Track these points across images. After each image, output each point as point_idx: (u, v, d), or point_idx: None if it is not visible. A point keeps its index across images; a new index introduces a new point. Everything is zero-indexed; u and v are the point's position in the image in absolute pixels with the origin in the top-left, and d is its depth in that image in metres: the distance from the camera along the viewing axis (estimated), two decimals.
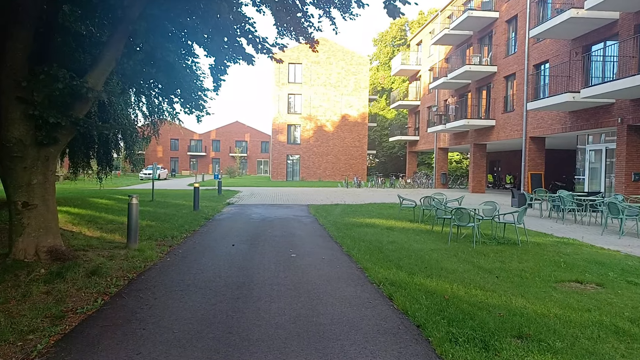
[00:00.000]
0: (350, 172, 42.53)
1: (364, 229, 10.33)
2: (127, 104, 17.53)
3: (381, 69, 60.78)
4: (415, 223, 11.54)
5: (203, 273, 6.05)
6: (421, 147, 34.96)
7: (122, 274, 5.97)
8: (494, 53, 24.00)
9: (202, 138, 70.60)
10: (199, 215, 12.85)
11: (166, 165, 66.85)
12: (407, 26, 60.01)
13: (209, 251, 7.67)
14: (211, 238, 9.08)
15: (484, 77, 24.90)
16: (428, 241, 8.80)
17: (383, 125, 55.86)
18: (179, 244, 8.43)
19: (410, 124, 37.47)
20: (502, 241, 8.71)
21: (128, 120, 16.66)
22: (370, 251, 7.62)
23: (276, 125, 42.69)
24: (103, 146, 16.94)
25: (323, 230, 10.35)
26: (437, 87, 28.56)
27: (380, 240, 8.71)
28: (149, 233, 9.38)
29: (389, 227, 10.72)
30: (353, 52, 43.03)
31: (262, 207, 15.94)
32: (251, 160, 71.03)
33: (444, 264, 6.69)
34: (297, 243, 8.54)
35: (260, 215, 13.45)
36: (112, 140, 16.95)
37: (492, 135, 24.02)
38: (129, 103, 17.94)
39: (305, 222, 11.85)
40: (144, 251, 7.35)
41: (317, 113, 42.93)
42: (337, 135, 43.21)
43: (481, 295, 5.03)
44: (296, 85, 42.63)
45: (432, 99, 32.48)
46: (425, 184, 31.73)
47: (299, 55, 42.31)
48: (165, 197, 19.53)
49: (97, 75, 6.53)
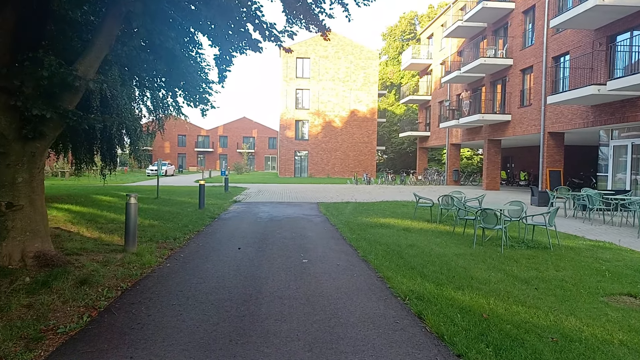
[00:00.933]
0: (359, 168, 41.80)
1: (379, 230, 9.66)
2: (131, 98, 16.96)
3: (390, 63, 59.82)
4: (433, 224, 10.84)
5: (205, 282, 5.42)
6: (432, 143, 34.14)
7: (116, 283, 5.35)
8: (509, 45, 23.11)
9: (209, 134, 70.18)
10: (204, 214, 12.26)
11: (173, 161, 66.57)
12: (416, 20, 58.96)
13: (213, 255, 7.04)
14: (216, 240, 8.46)
15: (499, 71, 24.03)
16: (450, 244, 8.11)
17: (392, 121, 55.01)
18: (182, 246, 7.81)
19: (421, 119, 36.63)
20: (531, 245, 7.99)
21: (131, 114, 16.08)
22: (389, 256, 6.94)
23: (284, 121, 42.02)
24: (106, 142, 16.41)
25: (335, 232, 9.69)
26: (449, 81, 27.71)
27: (399, 244, 8.02)
28: (151, 234, 8.79)
29: (406, 228, 10.03)
30: (362, 46, 42.18)
31: (270, 205, 15.32)
32: (259, 157, 70.51)
33: (473, 272, 6.00)
34: (309, 246, 7.88)
35: (268, 214, 12.82)
36: (116, 135, 16.39)
37: (507, 131, 23.17)
38: (133, 97, 17.37)
39: (316, 222, 11.19)
40: (142, 255, 6.74)
41: (325, 108, 42.19)
42: (346, 131, 42.46)
43: (524, 313, 4.34)
44: (304, 80, 41.90)
45: (443, 93, 31.62)
46: (437, 181, 30.93)
47: (307, 50, 41.55)
48: (171, 195, 18.99)
49: (88, 63, 5.91)
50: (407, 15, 58.71)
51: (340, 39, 41.90)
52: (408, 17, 58.56)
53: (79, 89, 5.92)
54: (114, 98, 15.14)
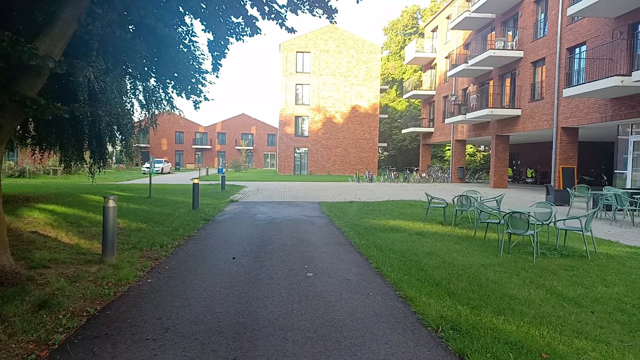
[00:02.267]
0: (361, 165, 40.83)
1: (390, 235, 8.72)
2: (122, 92, 16.00)
3: (392, 58, 58.76)
4: (448, 226, 9.89)
5: (190, 306, 4.47)
6: (436, 139, 33.17)
7: (82, 305, 4.41)
8: (520, 37, 22.13)
9: (207, 131, 69.15)
10: (198, 216, 11.31)
11: (171, 159, 65.54)
12: (419, 14, 57.87)
13: (203, 267, 6.09)
14: (208, 247, 7.51)
15: (508, 63, 23.05)
16: (473, 252, 7.17)
17: (393, 117, 54.02)
18: (168, 255, 6.86)
19: (425, 115, 35.65)
20: (565, 252, 7.04)
21: (122, 108, 15.09)
22: (407, 268, 6.00)
23: (283, 116, 41.01)
24: (96, 138, 15.38)
25: (341, 236, 8.75)
26: (455, 74, 26.73)
27: (415, 251, 7.08)
28: (136, 240, 7.85)
29: (419, 231, 9.09)
30: (364, 40, 41.13)
31: (269, 206, 14.37)
32: (257, 154, 69.51)
33: (508, 289, 5.06)
34: (313, 255, 6.93)
35: (266, 215, 11.87)
36: (106, 131, 15.37)
37: (517, 126, 22.22)
38: (124, 91, 16.41)
39: (319, 225, 10.24)
40: (120, 268, 5.80)
41: (326, 104, 41.18)
42: (347, 127, 41.47)
43: (592, 351, 3.40)
44: (304, 75, 40.87)
45: (448, 88, 30.63)
46: (441, 178, 29.99)
47: (308, 44, 40.51)
48: (164, 194, 18.03)
49: (51, 40, 4.94)
50: (410, 9, 57.62)
51: (342, 33, 40.85)
52: (410, 11, 57.47)
53: (40, 71, 4.96)
54: (103, 91, 14.20)
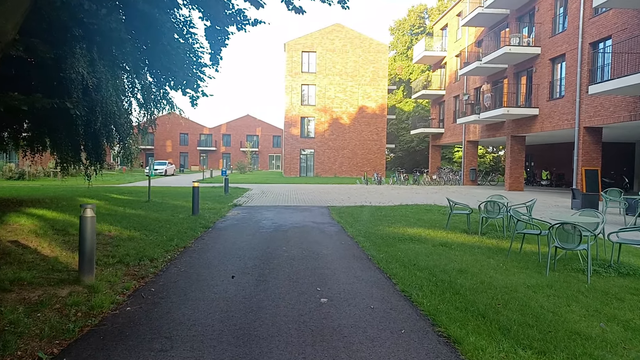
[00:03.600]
0: (368, 167, 39.81)
1: (411, 246, 7.71)
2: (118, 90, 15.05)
3: (398, 58, 57.75)
4: (474, 236, 8.86)
5: (174, 349, 3.49)
6: (446, 140, 32.10)
7: (34, 348, 3.44)
8: (537, 33, 21.06)
9: (212, 132, 68.41)
10: (197, 223, 10.36)
11: (175, 161, 64.83)
12: (426, 13, 56.85)
13: (196, 290, 5.12)
14: (204, 261, 6.53)
15: (524, 61, 21.97)
16: (512, 269, 6.15)
17: (400, 118, 52.98)
18: (158, 272, 5.89)
19: (434, 115, 34.59)
20: (622, 270, 6.00)
21: (118, 108, 14.16)
22: (439, 290, 5.00)
23: (289, 117, 40.08)
24: (91, 138, 14.48)
25: (356, 248, 7.75)
26: (468, 73, 25.68)
27: (444, 268, 6.07)
28: (124, 252, 6.90)
29: (443, 242, 8.07)
30: (371, 39, 40.15)
31: (274, 210, 13.40)
32: (262, 155, 68.65)
33: (572, 323, 4.05)
34: (326, 272, 5.94)
35: (272, 222, 10.89)
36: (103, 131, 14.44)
37: (534, 126, 21.12)
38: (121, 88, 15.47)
39: (330, 233, 9.25)
40: (97, 291, 4.85)
41: (332, 104, 40.21)
42: (354, 128, 40.47)
43: None
44: (310, 75, 39.93)
45: (459, 87, 29.58)
46: (453, 181, 28.91)
47: (313, 43, 39.59)
48: (165, 197, 17.11)
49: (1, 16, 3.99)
50: (417, 8, 56.60)
51: (348, 32, 39.90)
52: (417, 11, 56.46)
53: None
54: (98, 89, 13.29)
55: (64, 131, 14.21)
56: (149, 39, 7.22)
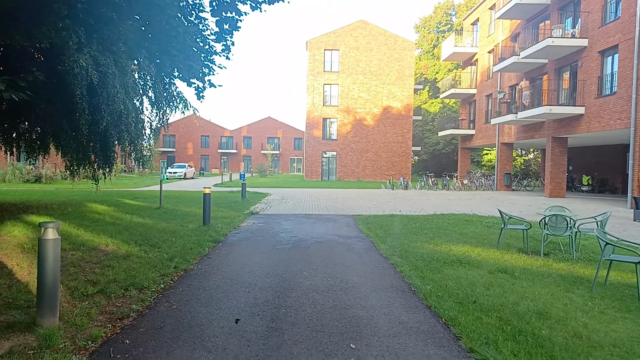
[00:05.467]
0: (393, 170, 38.15)
1: (462, 272, 6.21)
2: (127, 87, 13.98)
3: (424, 57, 55.90)
4: (537, 258, 7.28)
5: None
6: (478, 143, 30.22)
7: None
8: (583, 23, 19.16)
9: (233, 135, 67.78)
10: (206, 235, 9.10)
11: (197, 163, 64.41)
12: (453, 10, 54.83)
13: (184, 344, 3.76)
14: (204, 293, 5.19)
15: (568, 54, 20.09)
16: (607, 310, 4.61)
17: (425, 119, 51.10)
18: (142, 310, 4.58)
19: (464, 115, 32.72)
20: None
21: (125, 106, 13.01)
22: (524, 351, 3.53)
23: (310, 119, 38.78)
24: (99, 140, 13.42)
25: (393, 272, 6.29)
26: (502, 69, 23.87)
27: (516, 309, 4.57)
28: (110, 277, 5.66)
29: (501, 267, 6.54)
30: (396, 36, 38.52)
31: (294, 220, 12.04)
32: (283, 158, 67.61)
33: None
34: (359, 315, 4.51)
35: (290, 235, 9.52)
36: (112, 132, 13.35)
37: (579, 127, 19.21)
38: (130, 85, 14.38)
39: (359, 251, 7.82)
40: (50, 344, 3.56)
41: (355, 105, 38.73)
42: (378, 130, 38.87)
43: None
44: (332, 74, 38.56)
45: (492, 85, 27.72)
46: (485, 186, 27.05)
47: (336, 41, 38.22)
48: (178, 203, 15.96)
49: None
50: (443, 5, 54.65)
51: (372, 28, 38.38)
52: (444, 7, 54.50)
53: None
54: (104, 86, 12.21)
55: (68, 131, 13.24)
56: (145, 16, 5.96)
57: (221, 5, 6.57)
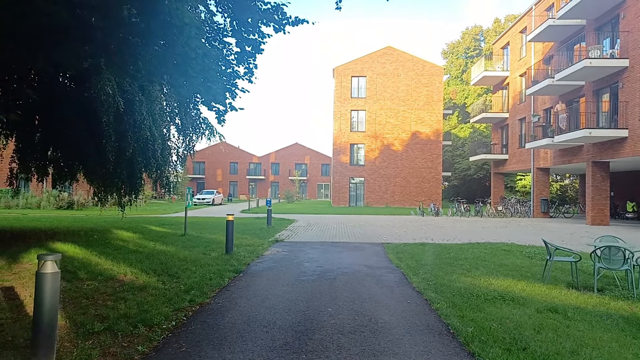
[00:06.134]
0: (423, 196, 37.19)
1: (507, 310, 5.53)
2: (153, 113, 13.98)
3: (452, 83, 55.34)
4: (589, 294, 6.49)
5: None
6: (511, 167, 29.11)
7: None
8: (622, 43, 18.33)
9: (261, 161, 68.30)
10: (228, 264, 8.69)
11: (225, 189, 64.99)
12: (481, 35, 54.37)
13: None
14: (217, 333, 4.71)
15: (607, 76, 19.18)
16: None
17: (455, 145, 50.09)
18: (149, 352, 4.14)
19: (496, 140, 31.75)
20: None
21: (152, 133, 12.95)
22: None
23: (337, 144, 38.54)
24: (126, 167, 13.33)
25: (428, 310, 5.67)
26: (536, 92, 23.05)
27: None
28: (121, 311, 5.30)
29: (551, 305, 5.81)
30: (424, 61, 38.24)
31: (320, 248, 11.52)
32: (311, 184, 67.43)
33: None
34: None
35: (316, 264, 9.00)
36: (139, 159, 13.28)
37: (622, 150, 18.11)
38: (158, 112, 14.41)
39: (389, 285, 7.21)
40: None
41: (383, 130, 38.31)
42: (407, 155, 38.20)
43: None
44: (360, 100, 38.43)
45: (526, 109, 26.83)
46: (521, 212, 25.83)
47: (363, 68, 38.24)
48: (203, 230, 15.71)
49: None
50: (471, 30, 54.32)
51: (400, 55, 38.27)
52: (472, 33, 54.14)
53: None
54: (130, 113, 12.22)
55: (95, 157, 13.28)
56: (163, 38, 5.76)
57: (243, 27, 6.29)
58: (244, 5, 5.95)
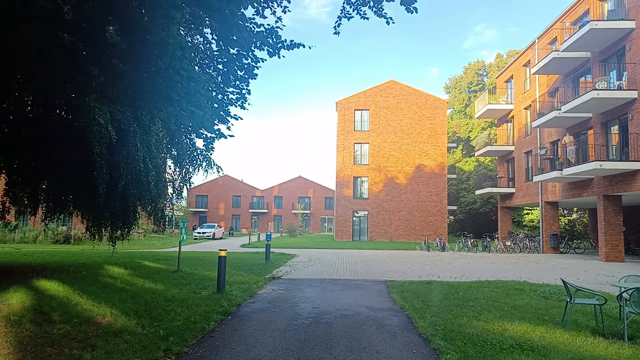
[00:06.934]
0: (428, 231, 36.32)
1: None
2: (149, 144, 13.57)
3: (456, 117, 55.37)
4: (619, 343, 5.73)
5: None
6: (519, 201, 28.39)
7: None
8: (629, 74, 18.01)
9: (264, 194, 67.84)
10: (217, 305, 8.01)
11: (227, 223, 64.27)
12: (484, 70, 54.78)
13: None
14: None
15: (615, 107, 18.78)
16: None
17: (460, 178, 49.52)
18: None
19: (502, 173, 31.18)
20: None
21: (145, 164, 12.47)
22: None
23: (340, 178, 38.07)
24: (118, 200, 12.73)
25: None
26: (542, 125, 22.65)
27: None
28: None
29: (576, 356, 5.06)
30: (427, 95, 38.24)
31: (319, 287, 10.77)
32: (314, 218, 66.60)
33: None
34: None
35: (312, 306, 8.27)
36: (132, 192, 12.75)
37: (636, 183, 17.45)
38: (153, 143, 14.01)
39: (393, 331, 6.47)
40: None
41: (386, 163, 37.89)
42: (411, 189, 37.59)
43: None
44: (363, 133, 38.24)
45: (531, 142, 26.39)
46: (530, 248, 24.91)
47: (366, 101, 38.25)
48: (198, 266, 14.97)
49: None
50: (474, 65, 54.80)
51: (403, 88, 38.33)
52: (474, 68, 54.59)
53: None
54: (124, 144, 11.82)
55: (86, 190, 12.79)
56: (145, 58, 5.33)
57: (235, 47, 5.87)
58: (235, 26, 5.53)
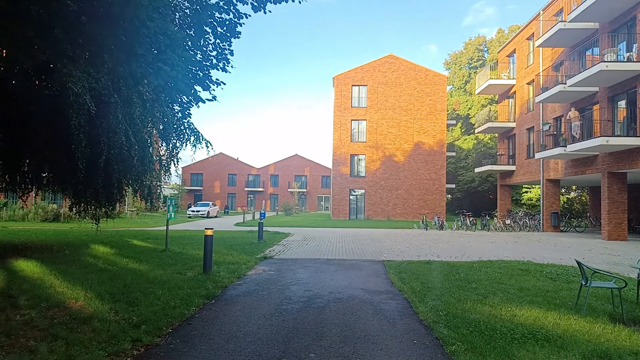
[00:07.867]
0: (426, 209, 35.82)
1: (541, 356, 4.20)
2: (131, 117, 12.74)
3: (455, 93, 54.31)
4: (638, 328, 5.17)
5: None
6: (519, 179, 27.78)
7: None
8: (639, 46, 17.14)
9: (260, 173, 67.12)
10: (201, 288, 7.41)
11: (223, 202, 63.73)
12: (484, 46, 53.47)
13: None
14: None
15: (623, 81, 17.97)
16: None
17: (459, 156, 48.83)
18: None
19: (502, 151, 30.48)
20: None
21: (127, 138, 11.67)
22: None
23: (337, 155, 37.31)
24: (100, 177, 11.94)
25: (441, 356, 4.35)
26: (546, 100, 21.83)
27: None
28: (41, 357, 3.99)
29: (596, 347, 4.48)
30: (427, 70, 37.18)
31: (312, 267, 10.19)
32: (311, 196, 66.09)
33: None
34: None
35: (304, 288, 7.68)
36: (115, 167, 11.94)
37: None
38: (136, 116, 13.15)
39: (391, 316, 5.88)
40: None
41: (384, 141, 37.09)
42: (409, 166, 36.91)
43: None
44: (360, 110, 37.30)
45: (534, 118, 25.61)
46: (530, 226, 24.43)
47: (364, 76, 37.19)
48: (186, 245, 14.37)
49: None
50: (474, 41, 53.44)
51: (402, 63, 37.23)
52: (475, 43, 53.24)
53: None
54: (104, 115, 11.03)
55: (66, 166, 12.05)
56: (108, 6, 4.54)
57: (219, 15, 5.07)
58: None
